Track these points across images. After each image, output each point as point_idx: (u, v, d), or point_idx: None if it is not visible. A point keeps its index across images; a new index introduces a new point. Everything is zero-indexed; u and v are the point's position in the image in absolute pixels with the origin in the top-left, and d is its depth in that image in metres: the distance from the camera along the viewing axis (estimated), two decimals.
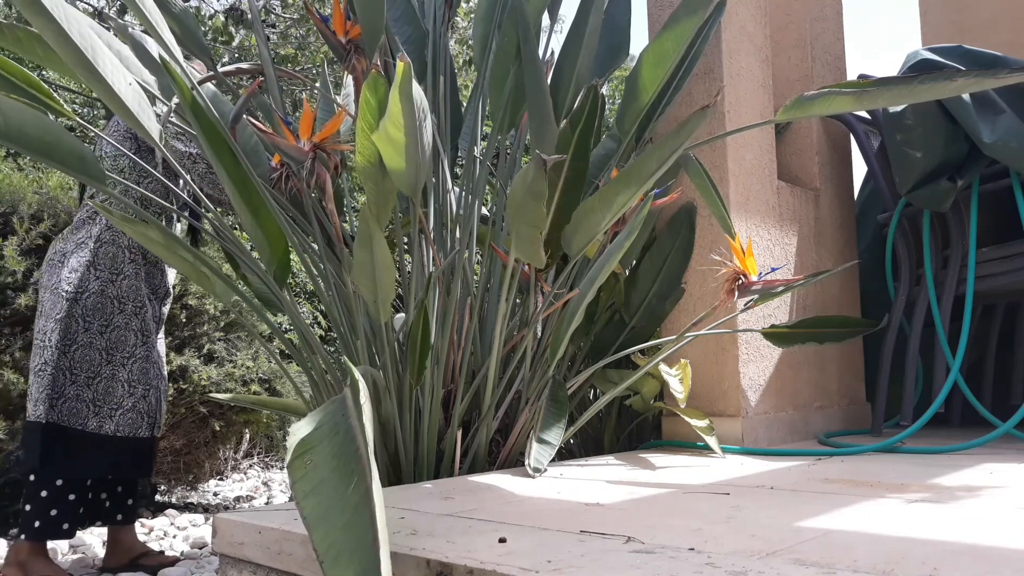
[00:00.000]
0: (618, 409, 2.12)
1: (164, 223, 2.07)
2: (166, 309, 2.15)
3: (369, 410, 0.88)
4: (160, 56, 1.38)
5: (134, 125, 1.39)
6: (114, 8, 5.38)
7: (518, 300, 1.87)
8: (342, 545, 0.68)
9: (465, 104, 2.09)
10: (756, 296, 1.70)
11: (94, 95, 5.84)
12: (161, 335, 2.14)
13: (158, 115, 1.54)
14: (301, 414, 2.07)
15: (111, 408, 1.93)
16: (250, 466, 3.95)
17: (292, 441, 0.83)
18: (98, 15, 5.13)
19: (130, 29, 1.94)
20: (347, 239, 1.75)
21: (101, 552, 2.20)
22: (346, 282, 1.66)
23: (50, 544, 2.23)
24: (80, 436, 1.89)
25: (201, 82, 1.81)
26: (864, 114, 2.40)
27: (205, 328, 2.84)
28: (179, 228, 2.19)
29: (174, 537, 2.42)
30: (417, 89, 1.27)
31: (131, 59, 1.80)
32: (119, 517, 2.05)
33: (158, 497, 3.11)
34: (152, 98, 1.72)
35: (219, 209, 2.14)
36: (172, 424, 2.74)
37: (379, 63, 1.40)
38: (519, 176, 1.42)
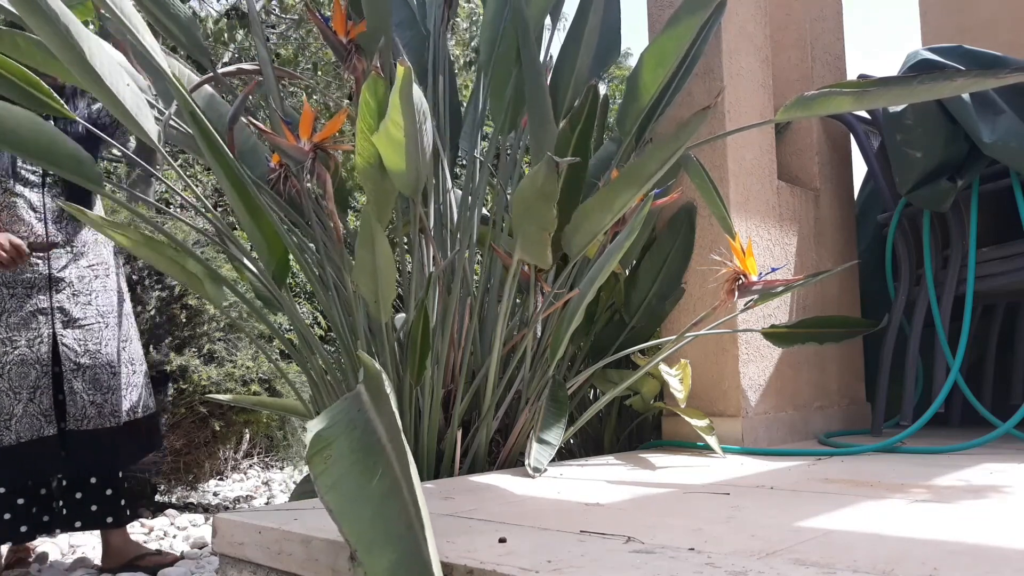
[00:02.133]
0: (618, 409, 2.12)
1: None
2: (62, 296, 1.96)
3: (394, 400, 0.88)
4: (157, 63, 1.38)
5: (132, 126, 1.39)
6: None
7: (518, 300, 1.87)
8: (373, 536, 0.68)
9: (465, 105, 2.09)
10: (756, 296, 1.70)
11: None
12: (94, 319, 2.00)
13: (157, 118, 1.54)
14: (301, 414, 2.07)
15: (4, 419, 1.87)
16: (250, 466, 3.95)
17: (309, 436, 0.83)
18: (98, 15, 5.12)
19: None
20: (347, 239, 1.75)
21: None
22: (345, 283, 1.66)
23: (52, 544, 2.23)
24: None
25: (200, 83, 1.81)
26: (864, 114, 2.40)
27: (205, 328, 2.84)
28: (99, 207, 2.11)
29: (174, 537, 2.42)
30: (417, 92, 1.27)
31: (126, 64, 1.80)
32: (109, 520, 2.00)
33: (158, 497, 3.11)
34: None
35: (218, 210, 2.13)
36: (172, 424, 2.74)
37: (378, 64, 1.40)
38: (528, 177, 1.42)
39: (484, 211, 2.15)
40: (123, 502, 2.04)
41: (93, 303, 2.01)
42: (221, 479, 3.64)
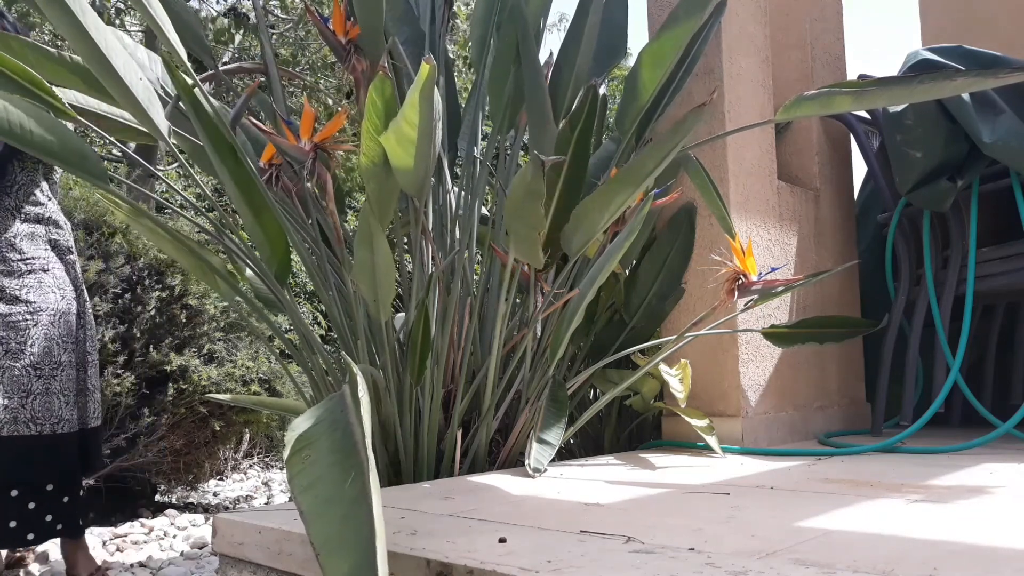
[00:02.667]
0: (618, 409, 2.12)
1: None
2: None
3: (368, 404, 0.88)
4: (162, 55, 1.39)
5: (143, 119, 1.39)
6: (112, 10, 5.39)
7: (518, 300, 1.87)
8: (340, 538, 0.68)
9: (464, 105, 2.09)
10: (756, 296, 1.70)
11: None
12: (21, 316, 1.83)
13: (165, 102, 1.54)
14: (301, 414, 2.07)
15: None
16: (250, 466, 3.96)
17: (290, 437, 0.83)
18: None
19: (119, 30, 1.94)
20: (346, 239, 1.75)
21: (103, 554, 2.20)
22: (346, 282, 1.66)
23: (52, 544, 2.23)
24: None
25: (202, 80, 1.80)
26: (864, 114, 2.40)
27: (205, 328, 2.84)
28: None
29: (174, 537, 2.41)
30: (436, 91, 1.28)
31: (135, 55, 1.80)
32: (30, 537, 1.82)
33: (158, 497, 3.11)
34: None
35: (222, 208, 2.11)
36: (172, 424, 2.74)
37: (386, 64, 1.41)
38: (518, 176, 1.42)
39: (484, 211, 2.15)
40: (49, 518, 1.83)
41: (22, 299, 1.83)
42: (221, 479, 3.64)
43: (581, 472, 1.55)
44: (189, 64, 1.44)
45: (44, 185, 2.02)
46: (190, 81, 1.40)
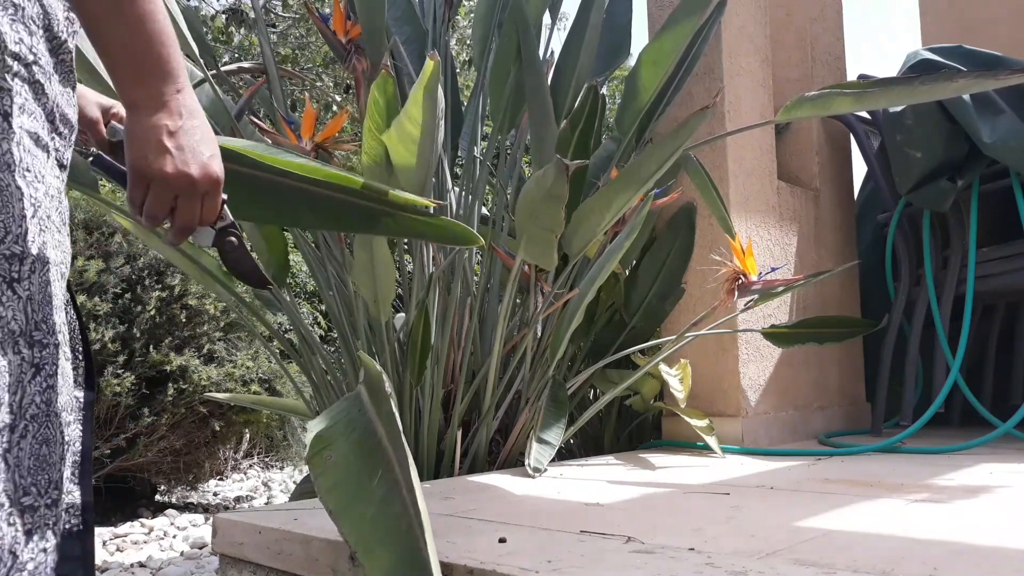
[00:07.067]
0: (618, 409, 2.12)
1: None
2: None
3: (394, 401, 0.88)
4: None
5: None
6: None
7: (518, 300, 1.87)
8: (372, 536, 0.68)
9: (465, 104, 2.09)
10: (756, 296, 1.70)
11: None
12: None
13: None
14: (301, 414, 2.07)
15: None
16: (250, 466, 3.95)
17: (309, 437, 0.83)
18: None
19: None
20: (347, 239, 1.75)
21: (103, 554, 2.20)
22: (347, 281, 1.66)
23: None
24: None
25: (203, 79, 1.80)
26: (864, 114, 2.40)
27: (205, 328, 2.84)
28: None
29: (174, 537, 2.41)
30: (439, 88, 1.27)
31: None
32: None
33: (158, 497, 3.11)
34: None
35: None
36: (172, 424, 2.74)
37: (388, 63, 1.41)
38: (534, 179, 1.41)
39: (484, 211, 2.15)
40: None
41: None
42: (221, 479, 3.64)
43: (581, 472, 1.55)
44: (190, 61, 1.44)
45: None
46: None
